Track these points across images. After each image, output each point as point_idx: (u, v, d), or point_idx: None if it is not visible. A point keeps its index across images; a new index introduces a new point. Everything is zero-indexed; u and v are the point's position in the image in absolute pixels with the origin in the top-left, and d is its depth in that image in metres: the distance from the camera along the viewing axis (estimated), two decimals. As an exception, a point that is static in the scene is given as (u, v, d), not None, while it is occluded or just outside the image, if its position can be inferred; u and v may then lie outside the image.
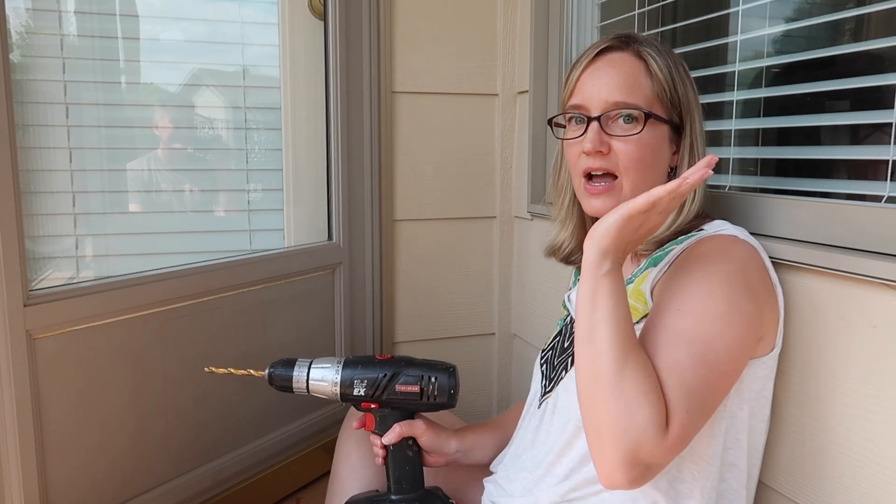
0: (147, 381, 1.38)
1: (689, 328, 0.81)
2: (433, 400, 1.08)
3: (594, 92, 0.96)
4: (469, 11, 1.80)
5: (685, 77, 0.98)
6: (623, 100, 0.94)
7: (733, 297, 0.83)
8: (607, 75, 0.96)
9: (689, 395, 0.77)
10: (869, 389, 0.86)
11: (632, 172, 0.95)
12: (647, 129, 0.94)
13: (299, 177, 1.83)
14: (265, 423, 1.63)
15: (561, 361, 1.03)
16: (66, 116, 1.62)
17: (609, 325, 0.78)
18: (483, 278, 1.91)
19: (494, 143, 1.87)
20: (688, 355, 0.79)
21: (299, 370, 1.08)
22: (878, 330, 0.84)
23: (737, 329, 0.82)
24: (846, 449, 0.89)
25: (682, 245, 0.91)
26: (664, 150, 0.97)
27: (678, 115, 0.97)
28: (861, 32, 1.28)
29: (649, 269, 0.92)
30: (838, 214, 0.92)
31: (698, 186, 0.96)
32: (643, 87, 0.95)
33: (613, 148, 0.95)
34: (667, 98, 0.96)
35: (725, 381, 0.83)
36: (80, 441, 1.28)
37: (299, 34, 1.79)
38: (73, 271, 1.67)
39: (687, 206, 0.96)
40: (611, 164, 0.95)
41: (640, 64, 0.96)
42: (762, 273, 0.90)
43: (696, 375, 0.78)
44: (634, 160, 0.94)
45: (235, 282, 1.53)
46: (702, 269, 0.85)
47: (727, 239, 0.90)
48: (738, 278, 0.85)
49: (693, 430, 0.78)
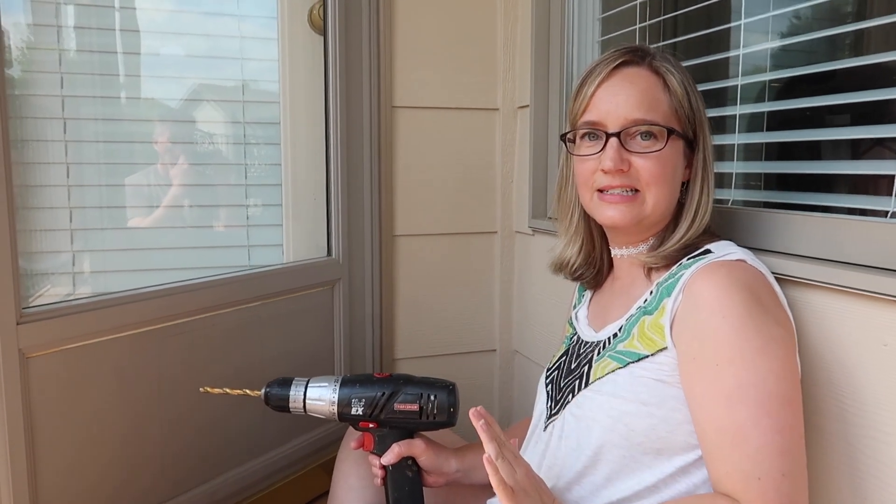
0: (143, 401, 1.36)
1: (735, 382, 0.80)
2: (433, 419, 1.06)
3: (611, 108, 0.94)
4: (469, 26, 1.79)
5: (696, 91, 0.98)
6: (643, 116, 0.92)
7: (760, 326, 0.81)
8: (625, 91, 0.94)
9: (765, 452, 0.77)
10: (882, 409, 0.84)
11: (653, 188, 0.93)
12: (653, 146, 0.93)
13: (298, 192, 1.82)
14: (263, 442, 1.61)
15: (568, 383, 1.01)
16: (63, 131, 1.61)
17: None
18: (484, 294, 1.89)
19: (495, 158, 1.85)
20: (747, 413, 0.78)
21: (296, 389, 1.07)
22: (889, 347, 0.82)
23: (775, 355, 0.81)
24: (858, 470, 0.87)
25: (691, 270, 0.89)
26: (680, 166, 0.96)
27: (692, 131, 0.97)
28: (861, 46, 1.27)
29: (665, 301, 0.90)
30: (845, 230, 0.90)
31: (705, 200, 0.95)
32: (662, 103, 0.94)
33: (633, 164, 0.93)
34: (684, 113, 0.95)
35: (796, 411, 0.81)
36: (73, 462, 1.26)
37: (299, 49, 1.78)
38: (69, 287, 1.65)
39: (698, 220, 0.95)
40: (631, 181, 0.94)
41: (657, 79, 0.95)
42: (773, 296, 0.88)
43: (762, 431, 0.77)
44: (656, 176, 0.93)
45: (233, 298, 1.51)
46: (719, 309, 0.83)
47: (732, 266, 0.88)
48: (756, 305, 0.83)
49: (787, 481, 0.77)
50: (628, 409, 0.88)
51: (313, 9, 1.72)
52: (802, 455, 0.79)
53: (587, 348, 1.02)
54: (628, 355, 0.92)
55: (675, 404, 0.87)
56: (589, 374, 0.96)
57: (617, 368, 0.92)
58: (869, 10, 1.34)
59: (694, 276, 0.87)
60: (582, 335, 1.06)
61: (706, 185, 0.97)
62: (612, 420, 0.89)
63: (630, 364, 0.91)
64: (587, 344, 1.03)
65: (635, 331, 0.93)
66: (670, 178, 0.94)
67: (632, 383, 0.89)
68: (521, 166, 1.80)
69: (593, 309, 1.10)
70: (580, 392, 0.96)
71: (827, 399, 0.91)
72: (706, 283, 0.86)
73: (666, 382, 0.87)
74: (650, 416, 0.87)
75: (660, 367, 0.88)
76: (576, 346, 1.06)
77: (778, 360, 0.80)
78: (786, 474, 0.77)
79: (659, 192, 0.93)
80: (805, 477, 0.79)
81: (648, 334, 0.90)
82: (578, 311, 1.13)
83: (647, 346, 0.90)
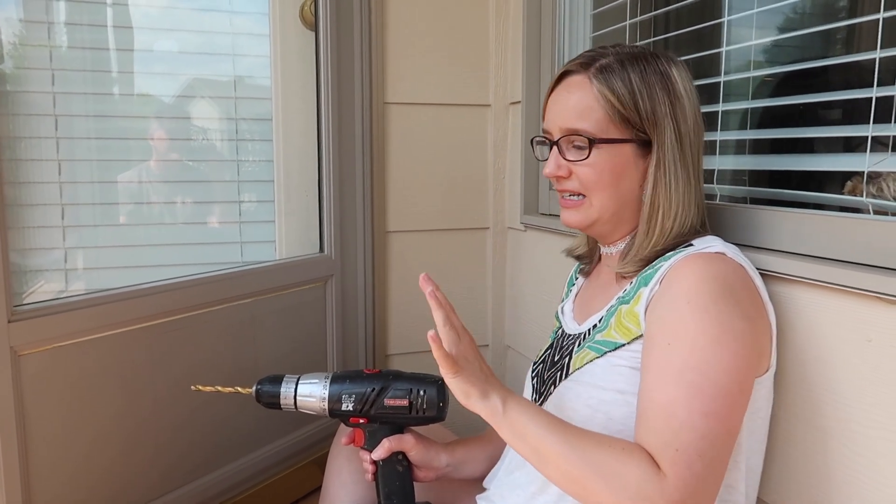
0: (136, 397, 1.36)
1: (681, 361, 0.80)
2: (422, 413, 1.06)
3: (553, 117, 0.99)
4: (461, 22, 1.79)
5: (655, 90, 0.94)
6: (572, 126, 0.95)
7: (723, 318, 0.82)
8: (563, 101, 0.98)
9: (687, 430, 0.77)
10: (866, 404, 0.84)
11: (595, 192, 0.97)
12: (595, 153, 0.94)
13: (291, 188, 1.82)
14: (256, 438, 1.61)
15: (550, 376, 1.02)
16: (55, 128, 1.61)
17: (545, 437, 0.80)
18: (476, 290, 1.90)
19: (487, 154, 1.86)
20: (681, 392, 0.79)
21: (287, 386, 1.07)
22: (873, 343, 0.83)
23: (732, 349, 0.81)
24: (844, 464, 0.88)
25: (671, 262, 0.89)
26: (629, 168, 0.95)
27: (643, 131, 0.94)
28: (852, 43, 1.28)
29: (642, 290, 0.91)
30: (830, 226, 0.91)
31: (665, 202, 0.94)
32: (593, 111, 0.94)
33: (573, 171, 0.97)
34: (627, 116, 0.94)
35: (732, 404, 0.81)
36: (67, 460, 1.26)
37: (291, 45, 1.78)
38: (62, 284, 1.65)
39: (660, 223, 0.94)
40: (575, 185, 0.98)
41: (592, 88, 0.95)
42: (751, 291, 0.88)
43: (691, 411, 0.78)
44: (592, 182, 0.96)
45: (226, 295, 1.52)
46: (686, 294, 0.84)
47: (710, 257, 0.88)
48: (725, 297, 0.83)
49: (701, 464, 0.77)
50: (606, 397, 0.90)
51: (305, 5, 1.72)
52: (724, 449, 0.79)
53: (570, 340, 1.03)
54: (605, 345, 0.93)
55: None
56: (569, 365, 0.97)
57: (594, 358, 0.93)
58: (860, 8, 1.35)
59: (672, 267, 0.88)
60: (566, 328, 1.07)
61: (665, 187, 0.94)
62: (590, 410, 0.90)
63: (607, 353, 0.92)
64: (570, 336, 1.04)
65: (612, 321, 0.94)
66: (610, 182, 0.95)
67: (609, 372, 0.90)
68: (513, 162, 1.81)
69: (578, 302, 1.11)
70: (561, 383, 0.97)
71: (808, 393, 0.91)
72: (680, 272, 0.86)
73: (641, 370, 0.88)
74: (627, 404, 0.88)
75: (634, 355, 0.89)
76: (560, 338, 1.07)
77: (729, 353, 0.80)
78: (702, 457, 0.77)
79: (601, 196, 0.96)
80: (719, 470, 0.79)
81: (625, 323, 0.91)
82: (564, 304, 1.14)
83: (623, 335, 0.91)
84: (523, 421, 0.82)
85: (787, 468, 0.96)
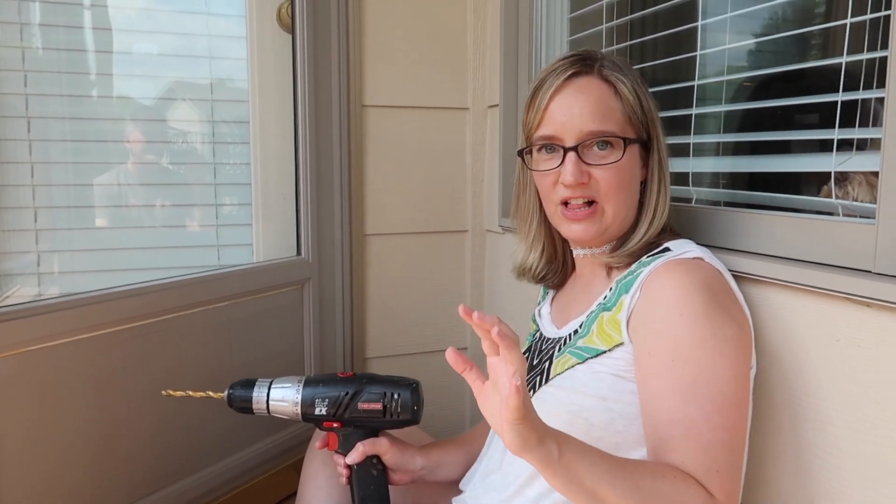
0: (109, 402, 1.34)
1: (691, 378, 0.82)
2: (396, 417, 1.06)
3: (566, 120, 0.94)
4: (439, 25, 1.79)
5: (647, 91, 0.99)
6: (599, 128, 0.93)
7: (716, 326, 0.83)
8: (579, 104, 0.93)
9: (719, 448, 0.79)
10: (835, 403, 0.85)
11: (612, 198, 0.94)
12: (609, 156, 0.93)
13: (268, 191, 1.81)
14: (232, 443, 1.60)
15: (530, 379, 1.01)
16: (27, 130, 1.59)
17: (603, 481, 0.74)
18: (455, 292, 1.90)
19: (465, 157, 1.86)
20: (698, 410, 0.80)
21: (259, 391, 1.06)
22: (841, 343, 0.84)
23: (730, 355, 0.83)
24: (816, 463, 0.89)
25: (650, 268, 0.90)
26: (637, 169, 0.97)
27: (647, 132, 0.98)
28: (829, 48, 1.29)
29: (623, 297, 0.91)
30: (801, 228, 0.92)
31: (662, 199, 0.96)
32: (615, 112, 0.94)
33: (592, 176, 0.94)
34: (637, 118, 0.96)
35: (742, 411, 0.84)
36: (38, 466, 1.24)
37: (268, 48, 1.77)
38: (35, 288, 1.63)
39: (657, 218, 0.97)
40: (591, 192, 0.94)
41: (608, 88, 0.95)
42: (730, 295, 0.90)
43: (714, 429, 0.80)
44: (614, 186, 0.94)
45: (201, 298, 1.50)
46: (677, 306, 0.84)
47: (690, 264, 0.89)
48: (714, 304, 0.85)
49: (738, 475, 0.82)
50: (587, 403, 0.90)
51: (282, 7, 1.71)
52: (745, 454, 0.84)
53: (549, 345, 1.03)
54: (587, 351, 0.93)
55: (632, 398, 0.88)
56: (549, 370, 0.97)
57: (576, 364, 0.93)
58: (834, 13, 1.37)
59: (652, 273, 0.89)
60: (544, 332, 1.07)
61: (663, 183, 0.98)
62: (571, 415, 0.90)
63: (589, 359, 0.92)
64: (549, 340, 1.04)
65: (594, 327, 0.94)
66: (628, 185, 0.96)
67: (590, 378, 0.91)
68: (492, 165, 1.81)
69: (556, 306, 1.11)
70: (541, 388, 0.97)
71: (781, 393, 0.92)
72: (664, 281, 0.87)
73: (623, 377, 0.88)
74: (608, 410, 0.88)
75: (616, 363, 0.89)
76: (538, 342, 1.07)
77: (731, 361, 0.82)
78: (735, 468, 0.81)
79: (617, 201, 0.94)
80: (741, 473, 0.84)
81: (606, 330, 0.91)
82: (542, 307, 1.14)
83: (604, 342, 0.91)
84: (581, 466, 0.73)
85: (761, 467, 0.97)
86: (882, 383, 0.80)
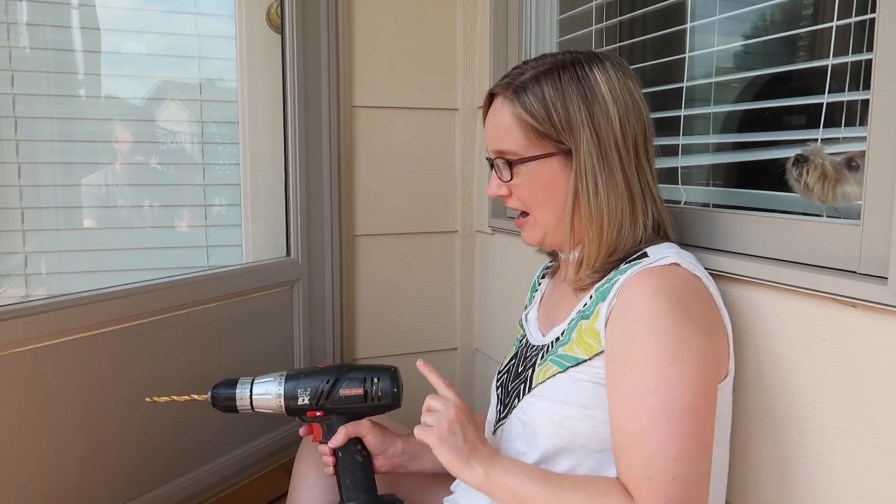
0: (96, 404, 1.34)
1: (644, 386, 0.81)
2: (377, 401, 1.08)
3: (487, 139, 1.01)
4: (429, 25, 1.80)
5: (571, 98, 0.92)
6: (499, 147, 0.98)
7: (679, 335, 0.82)
8: (490, 123, 1.00)
9: (660, 455, 0.78)
10: (820, 403, 0.86)
11: (534, 209, 0.99)
12: (519, 172, 0.96)
13: (258, 192, 1.81)
14: (221, 444, 1.59)
15: (514, 387, 1.01)
16: (14, 130, 1.58)
17: (529, 492, 0.85)
18: (445, 293, 1.90)
19: (455, 158, 1.86)
20: (647, 417, 0.80)
21: (242, 388, 1.09)
22: (827, 343, 0.85)
23: (692, 365, 0.81)
24: (801, 463, 0.89)
25: (625, 276, 0.89)
26: (559, 181, 0.95)
27: (561, 142, 0.93)
28: (815, 50, 1.30)
29: (600, 305, 0.91)
30: (786, 229, 0.93)
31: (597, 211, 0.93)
32: (513, 131, 0.95)
33: (511, 190, 0.99)
34: (543, 131, 0.93)
35: (701, 419, 0.81)
36: (22, 469, 1.23)
37: (257, 48, 1.77)
38: (22, 289, 1.62)
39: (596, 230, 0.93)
40: (516, 204, 1.00)
41: (508, 108, 0.95)
42: (706, 300, 0.88)
43: (661, 435, 0.79)
44: (528, 199, 0.98)
45: (190, 300, 1.50)
46: (641, 317, 0.84)
47: (663, 272, 0.87)
48: (680, 313, 0.83)
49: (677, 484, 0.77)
50: (569, 412, 0.90)
51: (271, 7, 1.71)
52: (701, 463, 0.79)
53: (533, 352, 1.03)
54: (568, 359, 0.92)
55: None
56: (532, 379, 0.97)
57: (558, 373, 0.93)
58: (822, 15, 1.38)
59: (627, 281, 0.88)
60: (530, 338, 1.07)
61: (587, 193, 0.92)
62: (554, 425, 0.90)
63: (570, 368, 0.91)
64: (534, 347, 1.04)
65: (574, 335, 0.94)
66: (545, 198, 0.96)
67: (572, 387, 0.90)
68: (482, 165, 1.81)
69: (542, 311, 1.11)
70: (524, 397, 0.97)
71: (767, 393, 0.93)
72: (636, 290, 0.86)
73: (604, 385, 0.88)
74: (590, 418, 0.89)
75: (597, 371, 0.89)
76: (524, 348, 1.07)
77: (690, 369, 0.81)
78: (677, 479, 0.77)
79: (541, 212, 0.98)
80: (702, 486, 0.79)
81: (585, 339, 0.91)
82: (529, 312, 1.14)
83: (585, 351, 0.91)
84: (508, 483, 0.86)
85: (746, 468, 0.98)
86: (868, 383, 0.80)
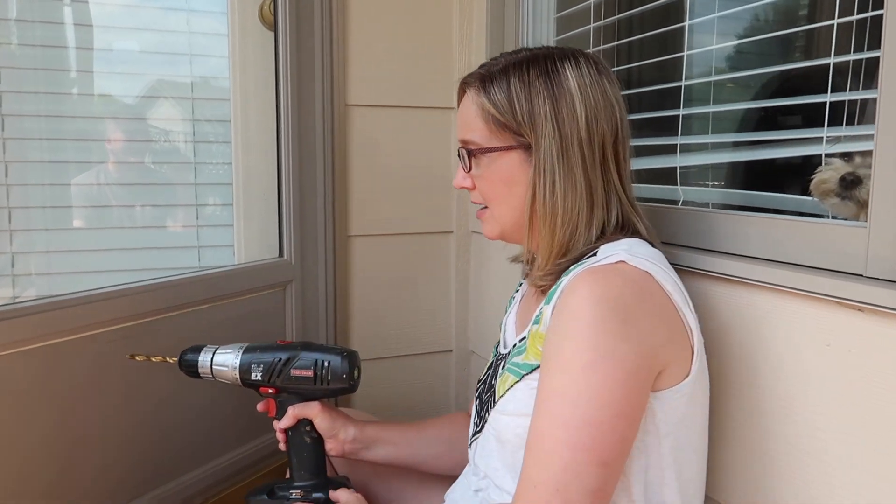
0: (85, 407, 1.31)
1: (551, 391, 0.79)
2: (328, 384, 1.08)
3: (457, 128, 1.00)
4: (424, 24, 1.78)
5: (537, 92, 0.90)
6: (463, 137, 0.97)
7: (601, 340, 0.77)
8: (459, 112, 0.99)
9: (549, 463, 0.76)
10: (825, 408, 0.84)
11: (492, 202, 0.97)
12: (479, 163, 0.95)
13: (250, 191, 1.79)
14: (212, 448, 1.57)
15: (486, 401, 0.99)
16: (1, 128, 1.55)
17: None
18: (440, 294, 1.88)
19: (450, 157, 1.84)
20: (546, 422, 0.78)
21: (205, 356, 1.11)
22: (832, 348, 0.83)
23: (607, 374, 0.77)
24: (806, 469, 0.88)
25: (569, 277, 0.85)
26: (518, 176, 0.92)
27: (522, 136, 0.91)
28: (812, 49, 1.29)
29: (544, 308, 0.88)
30: (792, 231, 0.91)
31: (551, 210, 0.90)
32: (476, 122, 0.94)
33: (474, 182, 0.98)
34: (505, 123, 0.91)
35: (601, 434, 0.76)
36: (8, 469, 1.20)
37: (250, 46, 1.75)
38: (10, 290, 1.60)
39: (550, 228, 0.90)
40: (477, 196, 1.00)
41: (476, 97, 0.95)
42: (653, 301, 0.82)
43: (555, 442, 0.76)
44: (487, 192, 0.97)
45: (181, 301, 1.47)
46: (566, 321, 0.80)
47: (604, 272, 0.82)
48: (609, 318, 0.78)
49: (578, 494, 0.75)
50: None
51: (264, 4, 1.69)
52: (590, 480, 0.75)
53: (500, 360, 1.00)
54: (523, 367, 0.90)
55: None
56: (496, 391, 0.95)
57: (515, 383, 0.90)
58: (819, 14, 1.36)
59: (569, 283, 0.84)
60: (501, 345, 1.05)
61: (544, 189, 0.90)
62: (520, 439, 0.85)
63: (525, 376, 0.89)
64: (501, 356, 1.02)
65: (528, 342, 0.91)
66: (502, 193, 0.95)
67: (529, 396, 0.85)
68: (477, 166, 1.79)
69: (519, 316, 1.07)
70: (490, 413, 0.95)
71: (770, 398, 0.91)
72: (572, 292, 0.82)
73: None
74: None
75: None
76: (496, 357, 1.05)
77: (603, 380, 0.76)
78: (560, 490, 0.75)
79: (499, 206, 0.96)
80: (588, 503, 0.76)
81: (536, 345, 0.88)
82: (508, 317, 1.11)
83: (536, 357, 0.88)
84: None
85: (736, 470, 0.96)
86: (874, 388, 0.79)
